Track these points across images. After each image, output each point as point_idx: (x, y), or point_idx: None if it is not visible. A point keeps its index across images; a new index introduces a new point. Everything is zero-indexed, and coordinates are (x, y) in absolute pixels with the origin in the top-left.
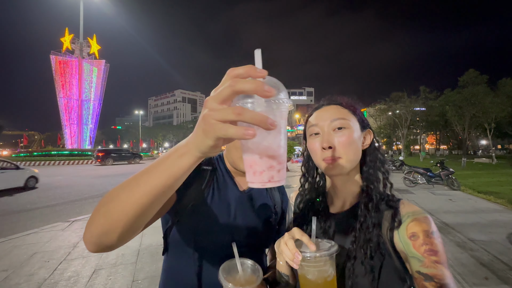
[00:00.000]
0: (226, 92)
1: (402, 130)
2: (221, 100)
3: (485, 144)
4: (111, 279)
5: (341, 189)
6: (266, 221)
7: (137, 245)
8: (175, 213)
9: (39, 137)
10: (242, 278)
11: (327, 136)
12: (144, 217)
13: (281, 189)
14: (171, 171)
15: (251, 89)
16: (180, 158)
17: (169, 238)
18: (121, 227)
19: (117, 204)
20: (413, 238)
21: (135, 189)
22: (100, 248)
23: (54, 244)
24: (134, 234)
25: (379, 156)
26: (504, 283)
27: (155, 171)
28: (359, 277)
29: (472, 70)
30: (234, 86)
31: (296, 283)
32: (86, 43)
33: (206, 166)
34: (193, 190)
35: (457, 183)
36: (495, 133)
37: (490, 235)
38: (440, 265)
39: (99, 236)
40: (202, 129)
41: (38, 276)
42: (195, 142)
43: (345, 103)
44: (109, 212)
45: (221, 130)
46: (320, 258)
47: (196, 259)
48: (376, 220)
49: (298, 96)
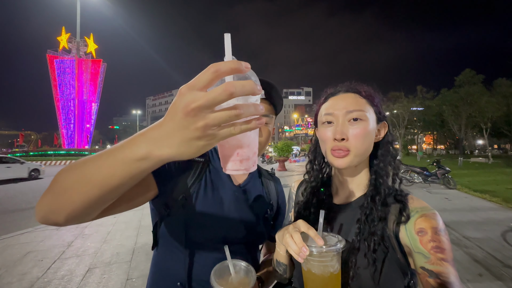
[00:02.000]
0: (207, 76)
1: (400, 130)
2: (201, 87)
3: (482, 144)
4: (105, 277)
5: (347, 180)
6: (261, 216)
7: (132, 243)
8: (164, 206)
9: (35, 137)
10: (235, 281)
11: (341, 127)
12: (94, 207)
13: (278, 186)
14: (127, 171)
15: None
16: (141, 162)
17: (159, 232)
18: (68, 211)
19: (64, 188)
20: (420, 234)
21: (83, 180)
22: (48, 223)
23: (48, 243)
24: (86, 219)
25: (391, 150)
26: (498, 280)
27: (108, 165)
28: (361, 269)
29: (468, 70)
30: (217, 68)
31: (291, 275)
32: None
33: (198, 158)
34: (181, 183)
35: (453, 182)
36: (491, 132)
37: (485, 232)
38: (447, 263)
39: (46, 212)
40: (196, 138)
41: (31, 275)
42: (177, 150)
43: (364, 92)
44: (56, 193)
45: (226, 134)
46: (327, 253)
47: (187, 254)
48: (383, 214)
49: (297, 96)
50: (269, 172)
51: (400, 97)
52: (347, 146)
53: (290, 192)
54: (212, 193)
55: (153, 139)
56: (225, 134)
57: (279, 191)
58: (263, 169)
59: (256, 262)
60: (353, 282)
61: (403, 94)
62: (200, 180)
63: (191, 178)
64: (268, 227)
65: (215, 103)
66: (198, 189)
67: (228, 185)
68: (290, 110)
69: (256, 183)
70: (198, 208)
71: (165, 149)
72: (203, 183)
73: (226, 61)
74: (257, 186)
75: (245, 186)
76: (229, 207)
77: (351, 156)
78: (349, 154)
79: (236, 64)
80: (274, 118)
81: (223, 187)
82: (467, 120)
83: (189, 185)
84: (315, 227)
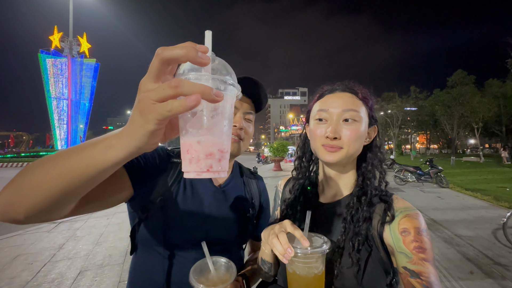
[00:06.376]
0: (154, 64)
1: (394, 129)
2: (154, 77)
3: (473, 143)
4: (97, 280)
5: (334, 179)
6: (243, 216)
7: (125, 245)
8: (142, 209)
9: (27, 137)
10: (215, 277)
11: (335, 125)
12: (57, 202)
13: (260, 184)
14: (93, 161)
15: (181, 54)
16: (106, 150)
17: (137, 236)
18: (28, 204)
19: (29, 179)
20: (404, 234)
21: (49, 169)
22: (5, 218)
23: (39, 246)
24: (47, 217)
25: (379, 154)
26: (489, 277)
27: (75, 156)
28: (344, 268)
29: (460, 71)
30: (160, 54)
31: (276, 273)
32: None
33: (177, 159)
34: (160, 184)
35: (445, 180)
36: (483, 132)
37: (476, 231)
38: (427, 262)
39: (5, 205)
40: (139, 113)
41: (20, 278)
42: (131, 131)
43: (362, 94)
44: (19, 185)
45: (163, 108)
46: (312, 255)
47: (166, 257)
48: (368, 214)
49: (292, 96)
50: (251, 170)
51: (394, 97)
52: (339, 144)
53: (277, 190)
54: (192, 194)
55: (123, 129)
56: (160, 109)
57: (261, 189)
58: (245, 167)
59: (241, 261)
60: (337, 281)
61: (397, 94)
62: (179, 181)
63: (170, 179)
64: (250, 227)
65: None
66: (177, 190)
67: (208, 186)
68: (285, 110)
69: (238, 183)
70: (177, 210)
71: (126, 138)
72: (182, 184)
73: (173, 47)
74: (238, 186)
75: (225, 187)
76: (209, 208)
77: (343, 153)
78: (341, 150)
79: (180, 51)
80: (254, 115)
81: (203, 188)
82: (459, 120)
83: (167, 187)
84: (301, 226)
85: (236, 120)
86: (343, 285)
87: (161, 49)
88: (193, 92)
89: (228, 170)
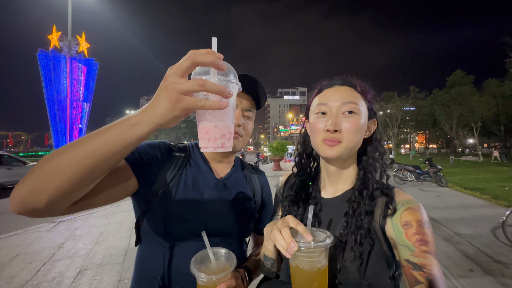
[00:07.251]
0: (185, 64)
1: (393, 129)
2: (181, 73)
3: (472, 142)
4: (96, 279)
5: (335, 174)
6: (245, 209)
7: (125, 244)
8: (145, 202)
9: (26, 137)
10: (215, 267)
11: (335, 118)
12: (81, 182)
13: (262, 178)
14: (121, 137)
15: (209, 61)
16: (132, 127)
17: (141, 228)
18: (53, 188)
19: (55, 162)
20: (406, 227)
21: (77, 150)
22: (24, 209)
23: (38, 245)
24: (64, 203)
25: (379, 147)
26: (488, 275)
27: (103, 135)
28: (347, 262)
29: (459, 71)
30: (193, 58)
31: (279, 269)
32: (75, 40)
33: (178, 153)
34: (161, 177)
35: (444, 180)
36: (481, 132)
37: (476, 229)
38: (430, 255)
39: (26, 194)
40: (167, 99)
41: (19, 278)
42: (155, 112)
43: (360, 87)
44: (44, 170)
45: (195, 101)
46: (315, 249)
47: (168, 248)
48: (370, 207)
49: (291, 95)
50: (253, 165)
51: (393, 97)
52: (339, 137)
53: (278, 187)
54: (193, 186)
55: (144, 110)
56: (190, 102)
57: (263, 183)
58: (246, 162)
59: (244, 254)
60: (340, 275)
61: (396, 94)
62: (180, 174)
63: (171, 172)
64: (252, 220)
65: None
66: (178, 183)
67: (209, 178)
68: (285, 109)
69: (239, 176)
70: (178, 202)
71: (152, 117)
72: (183, 177)
73: (203, 52)
74: (240, 179)
75: (227, 179)
76: (210, 200)
77: (342, 147)
78: (340, 144)
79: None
80: (255, 112)
81: (204, 180)
82: (458, 120)
83: (168, 180)
84: (303, 221)
85: (235, 117)
86: (346, 279)
87: (193, 54)
88: (214, 90)
89: (229, 164)
